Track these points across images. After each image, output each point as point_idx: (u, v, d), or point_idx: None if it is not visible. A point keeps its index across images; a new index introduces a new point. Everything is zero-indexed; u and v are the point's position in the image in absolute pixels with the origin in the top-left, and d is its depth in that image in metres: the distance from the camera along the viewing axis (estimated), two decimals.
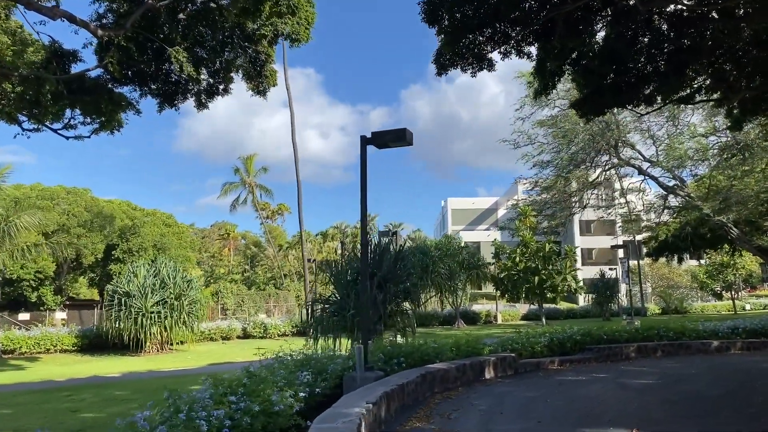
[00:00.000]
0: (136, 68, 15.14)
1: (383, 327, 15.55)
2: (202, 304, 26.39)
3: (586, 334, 15.24)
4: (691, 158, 23.76)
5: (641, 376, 11.34)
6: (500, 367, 11.96)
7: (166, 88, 15.86)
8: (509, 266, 29.45)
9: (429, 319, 36.69)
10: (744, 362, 13.04)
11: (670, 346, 15.47)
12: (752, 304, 51.75)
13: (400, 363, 10.50)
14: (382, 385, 7.94)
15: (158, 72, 15.51)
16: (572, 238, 72.23)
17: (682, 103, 17.30)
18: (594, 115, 14.64)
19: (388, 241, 16.28)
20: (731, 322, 17.16)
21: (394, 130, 9.81)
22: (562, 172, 26.48)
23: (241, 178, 52.14)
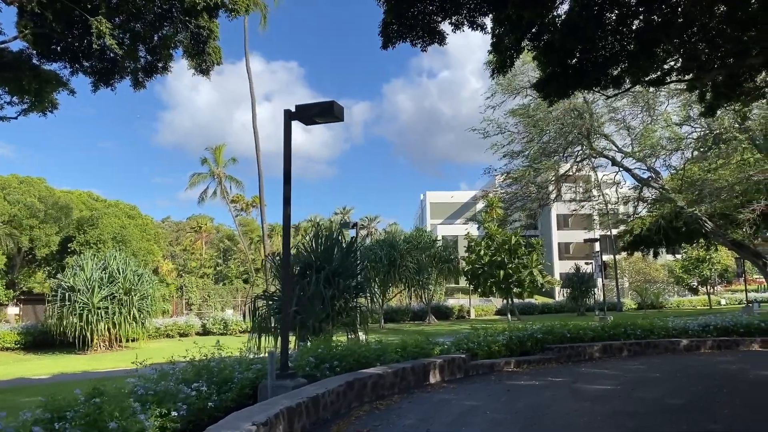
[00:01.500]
0: (64, 43, 13.79)
1: (331, 325, 14.42)
2: (155, 299, 25.00)
3: (548, 333, 14.23)
4: (664, 147, 22.87)
5: (600, 380, 10.32)
6: (448, 370, 10.87)
7: (100, 66, 14.50)
8: (473, 259, 28.37)
9: (400, 314, 35.68)
10: (712, 364, 12.10)
11: (637, 345, 14.51)
12: (727, 298, 51.54)
13: (332, 367, 9.37)
14: (289, 398, 6.78)
15: (91, 48, 14.10)
16: (549, 232, 71.68)
17: (653, 86, 16.30)
18: (558, 97, 13.52)
19: (339, 232, 15.08)
20: (702, 320, 16.27)
21: (321, 103, 8.63)
22: (532, 163, 25.47)
23: (210, 169, 50.49)
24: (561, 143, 26.37)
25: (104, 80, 14.74)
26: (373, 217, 74.18)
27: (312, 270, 14.24)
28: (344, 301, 14.21)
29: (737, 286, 56.72)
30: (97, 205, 40.69)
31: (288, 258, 8.72)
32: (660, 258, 55.85)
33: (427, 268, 29.70)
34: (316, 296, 13.59)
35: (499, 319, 36.87)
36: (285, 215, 8.72)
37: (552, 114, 25.38)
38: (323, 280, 13.85)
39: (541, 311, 44.44)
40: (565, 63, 11.29)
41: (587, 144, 25.83)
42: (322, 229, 15.44)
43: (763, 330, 15.77)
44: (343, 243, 15.12)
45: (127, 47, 14.16)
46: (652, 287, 53.29)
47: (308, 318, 13.68)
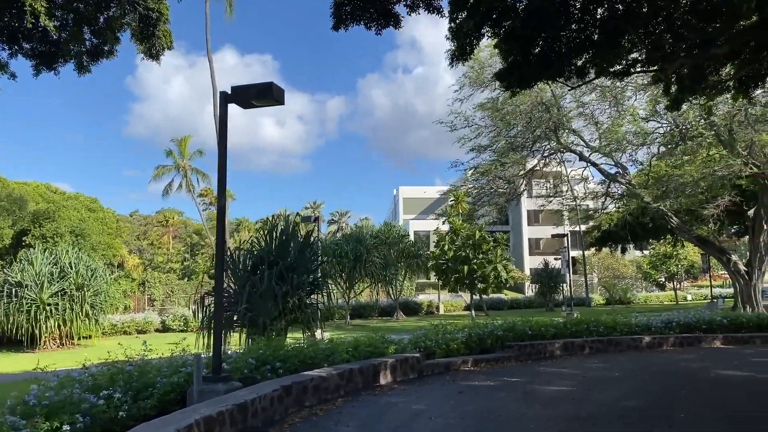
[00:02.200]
0: (0, 23, 12.85)
1: (285, 323, 13.80)
2: (110, 295, 24.01)
3: (509, 330, 13.81)
4: (630, 142, 22.70)
5: (558, 380, 9.90)
6: (400, 370, 10.34)
7: (42, 49, 13.58)
8: (438, 254, 27.93)
9: (367, 310, 35.13)
10: (674, 362, 11.81)
11: (599, 342, 14.19)
12: (693, 294, 52.15)
13: (275, 369, 8.78)
14: (212, 405, 6.17)
15: (32, 29, 13.18)
16: (520, 227, 71.90)
17: (618, 77, 15.96)
18: (520, 88, 13.02)
19: (294, 226, 14.43)
20: (665, 316, 16.05)
21: (259, 84, 7.99)
22: (500, 157, 25.10)
23: (175, 161, 49.16)
24: (529, 137, 26.06)
25: (46, 64, 13.79)
26: (344, 212, 73.43)
27: (265, 265, 13.61)
28: (298, 298, 13.56)
29: (703, 281, 57.51)
30: (56, 198, 39.24)
31: (222, 251, 8.08)
32: (628, 254, 56.36)
33: (394, 263, 29.17)
34: (268, 293, 12.95)
35: (467, 315, 36.62)
36: (219, 206, 8.09)
37: (520, 108, 25.04)
38: (276, 276, 13.21)
39: (510, 306, 44.32)
40: (528, 52, 10.82)
41: (555, 138, 25.57)
42: (278, 222, 14.77)
43: (725, 326, 15.61)
44: (299, 237, 14.50)
45: (71, 29, 13.28)
46: (621, 283, 53.72)
47: (259, 316, 13.04)
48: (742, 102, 16.52)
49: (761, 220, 23.42)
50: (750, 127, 20.45)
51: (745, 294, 23.45)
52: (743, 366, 11.04)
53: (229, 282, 14.70)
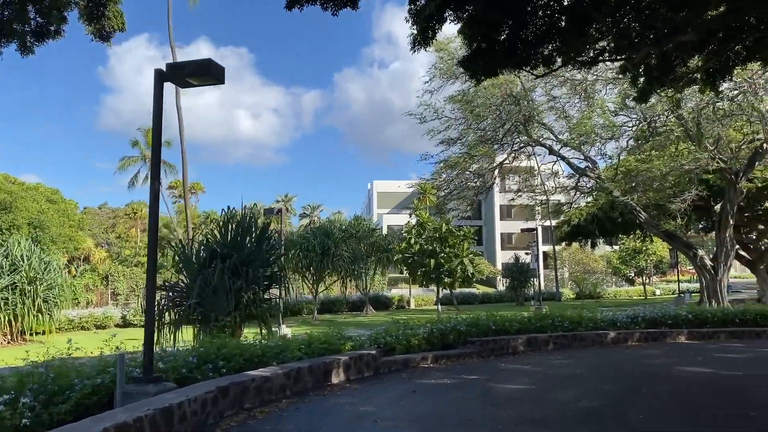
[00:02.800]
0: None
1: (239, 319, 13.24)
2: (65, 289, 23.07)
3: (473, 325, 13.44)
4: (598, 135, 22.51)
5: (518, 377, 9.53)
6: (354, 368, 9.86)
7: None
8: (404, 248, 27.48)
9: (337, 305, 34.60)
10: (637, 358, 11.55)
11: (563, 337, 13.91)
12: (662, 289, 52.77)
13: (217, 368, 8.23)
14: (130, 411, 5.61)
15: None
16: (492, 222, 72.05)
17: (585, 66, 15.65)
18: (485, 76, 12.58)
19: (252, 217, 13.82)
20: (631, 311, 15.85)
21: (196, 62, 7.40)
22: (469, 150, 24.75)
23: (141, 152, 47.82)
24: (499, 131, 25.75)
25: None
26: (315, 205, 72.59)
27: (218, 259, 13.01)
28: (253, 293, 12.97)
29: (671, 276, 58.23)
30: (14, 188, 37.80)
31: (154, 241, 7.49)
32: (599, 249, 56.77)
33: (363, 257, 28.66)
34: (221, 287, 12.37)
35: (439, 309, 36.34)
36: (152, 191, 7.48)
37: (491, 101, 24.69)
38: (230, 270, 12.64)
39: (481, 301, 44.24)
40: (493, 38, 10.37)
41: (525, 132, 25.30)
42: (236, 214, 14.12)
43: (690, 322, 15.49)
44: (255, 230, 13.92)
45: (15, 7, 12.45)
46: (591, 278, 54.09)
47: (211, 311, 12.46)
48: (709, 95, 16.37)
49: (727, 215, 23.48)
50: (717, 122, 20.42)
51: (711, 289, 23.51)
52: (706, 362, 10.82)
53: (181, 276, 14.08)
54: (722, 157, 21.91)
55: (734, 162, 22.78)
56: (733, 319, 15.74)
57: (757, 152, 22.53)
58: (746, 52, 11.37)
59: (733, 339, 14.81)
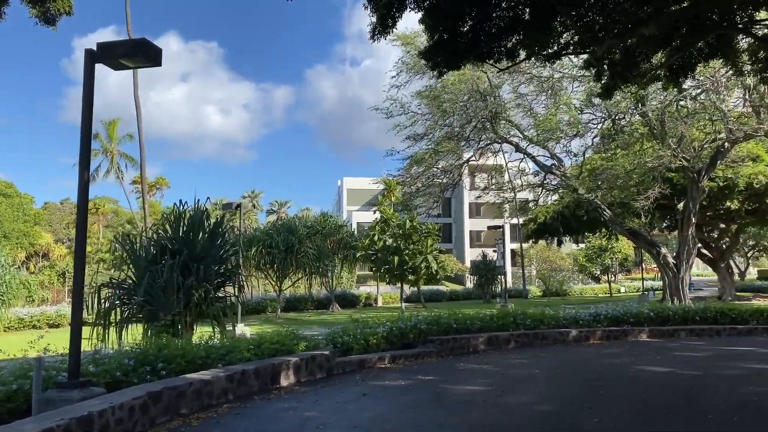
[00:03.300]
0: None
1: (190, 317, 12.67)
2: (12, 288, 22.06)
3: (433, 323, 13.13)
4: (563, 132, 22.43)
5: (474, 379, 9.21)
6: (306, 369, 9.41)
7: None
8: (367, 245, 27.06)
9: (303, 302, 33.99)
10: (597, 357, 11.36)
11: (525, 336, 13.68)
12: (627, 287, 53.38)
13: (156, 371, 7.71)
14: (41, 420, 5.09)
15: None
16: (462, 219, 72.17)
17: (549, 60, 15.46)
18: (448, 68, 12.20)
19: (204, 212, 13.22)
20: (593, 309, 15.73)
21: (129, 41, 6.87)
22: (436, 147, 24.46)
23: (102, 146, 46.36)
24: (466, 127, 25.51)
25: None
26: (283, 201, 71.65)
27: (167, 255, 12.42)
28: (204, 291, 12.40)
29: (636, 274, 59.04)
30: None
31: (83, 236, 6.93)
32: (566, 247, 57.25)
33: (328, 254, 28.14)
34: (170, 284, 11.77)
35: (407, 306, 36.05)
36: (81, 183, 6.92)
37: (458, 97, 24.41)
38: (180, 266, 12.04)
39: (449, 298, 44.03)
40: (455, 30, 10.02)
41: (491, 129, 25.11)
42: (186, 209, 13.49)
43: (651, 319, 15.44)
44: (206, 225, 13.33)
45: None
46: (558, 275, 54.47)
47: (159, 310, 11.86)
48: (672, 92, 16.34)
49: (690, 214, 23.67)
50: (681, 121, 20.50)
51: (674, 286, 23.68)
52: (666, 361, 10.68)
53: (129, 272, 13.42)
54: (685, 156, 22.05)
55: (697, 161, 22.96)
56: (693, 317, 15.75)
57: (719, 151, 22.74)
58: (709, 49, 11.25)
59: (694, 337, 14.80)
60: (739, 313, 16.03)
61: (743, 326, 15.50)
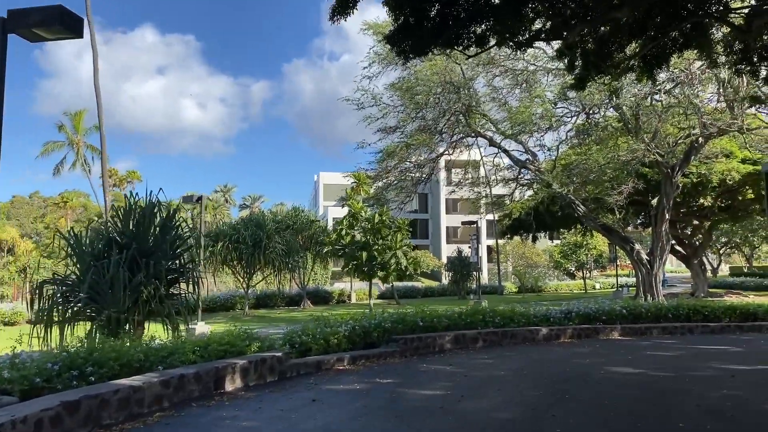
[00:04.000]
0: None
1: (139, 316, 11.92)
2: None
3: (399, 321, 12.54)
4: (536, 125, 21.98)
5: (435, 381, 8.64)
6: (255, 373, 8.75)
7: None
8: (334, 240, 26.37)
9: (273, 299, 33.23)
10: (566, 358, 10.88)
11: (493, 334, 13.17)
12: (602, 283, 53.53)
13: (84, 375, 7.00)
14: None
15: None
16: (438, 215, 71.86)
17: (520, 48, 14.96)
18: (414, 54, 11.56)
19: (155, 204, 12.44)
20: (565, 306, 15.32)
21: (44, 8, 6.11)
22: (408, 140, 23.87)
23: (67, 137, 44.82)
24: (440, 120, 24.97)
25: None
26: (257, 196, 70.51)
27: (114, 249, 11.65)
28: (154, 288, 11.64)
29: (611, 271, 59.23)
30: None
31: None
32: (542, 243, 57.18)
33: (298, 249, 27.38)
34: (116, 281, 11.01)
35: (382, 303, 35.51)
36: None
37: (431, 88, 23.84)
38: (128, 262, 11.28)
39: (424, 295, 43.64)
40: (422, 13, 9.40)
41: (465, 122, 24.59)
42: (138, 200, 12.69)
43: (624, 317, 15.06)
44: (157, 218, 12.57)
45: None
46: (534, 271, 54.39)
47: (105, 308, 11.10)
48: (646, 84, 15.96)
49: (663, 210, 23.45)
50: (655, 115, 20.19)
51: (647, 283, 23.47)
52: (637, 361, 10.23)
53: (75, 267, 12.62)
54: (659, 151, 21.79)
55: (671, 156, 22.74)
56: (666, 314, 15.44)
57: (693, 146, 22.54)
58: (683, 39, 10.81)
59: (666, 335, 14.47)
60: (711, 310, 15.75)
61: (716, 324, 15.22)
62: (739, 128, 21.14)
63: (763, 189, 23.28)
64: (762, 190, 23.92)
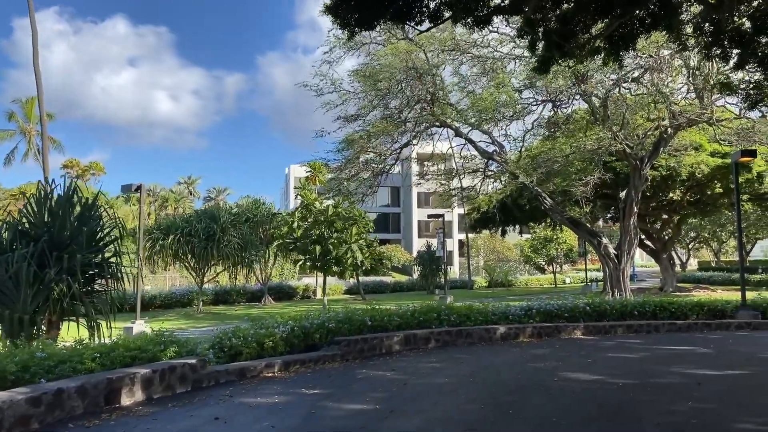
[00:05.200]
0: None
1: (52, 316, 10.70)
2: None
3: (345, 321, 11.50)
4: (502, 113, 21.05)
5: (368, 391, 7.60)
6: (161, 383, 7.60)
7: None
8: (284, 233, 25.15)
9: (233, 295, 31.83)
10: (522, 361, 9.94)
11: (447, 334, 12.19)
12: (572, 277, 53.20)
13: None
14: None
15: None
16: (410, 209, 71.02)
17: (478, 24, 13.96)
18: (359, 27, 10.39)
19: (72, 191, 11.16)
20: (525, 303, 14.39)
21: None
22: (370, 129, 22.77)
23: (19, 126, 42.64)
24: (405, 110, 23.92)
25: None
26: (222, 188, 68.66)
27: (20, 242, 10.40)
28: (67, 285, 10.39)
29: (581, 265, 59.05)
30: None
31: None
32: (513, 237, 56.66)
33: (255, 243, 26.09)
34: (22, 276, 9.76)
35: (347, 299, 34.47)
36: None
37: (394, 75, 22.75)
38: (36, 255, 10.04)
39: (392, 290, 42.61)
40: None
41: (430, 111, 23.58)
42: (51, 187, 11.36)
43: (587, 314, 14.21)
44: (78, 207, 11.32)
45: None
46: (505, 266, 53.79)
47: (9, 307, 9.86)
48: (612, 66, 15.10)
49: (632, 202, 22.79)
50: (623, 103, 19.44)
51: (614, 278, 22.80)
52: (597, 365, 9.32)
53: None
54: (628, 143, 21.10)
55: (640, 148, 22.08)
56: (632, 311, 14.65)
57: (662, 137, 21.88)
58: (651, 19, 9.91)
59: (631, 333, 13.67)
60: (678, 307, 15.03)
61: (682, 321, 14.49)
62: (708, 119, 20.52)
63: (731, 182, 22.77)
64: (731, 184, 23.42)
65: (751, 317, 14.88)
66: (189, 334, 16.55)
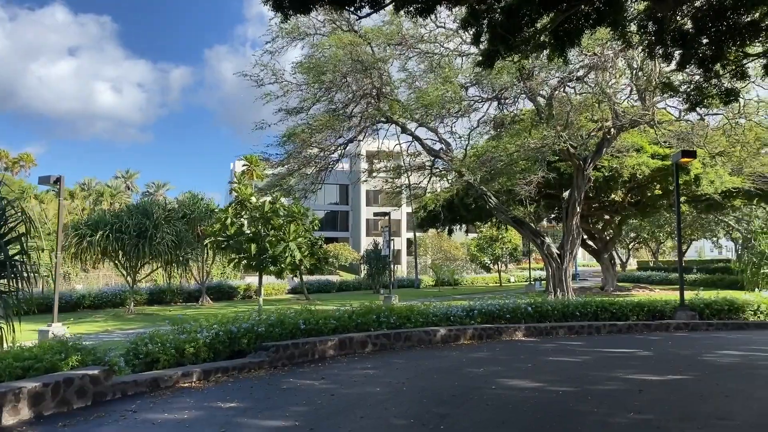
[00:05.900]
0: None
1: None
2: None
3: (276, 324, 10.78)
4: (445, 108, 20.68)
5: (290, 404, 6.92)
6: (54, 399, 6.70)
7: None
8: (217, 230, 24.14)
9: (170, 295, 30.40)
10: (459, 366, 9.47)
11: (385, 337, 11.63)
12: (516, 276, 53.79)
13: None
14: None
15: None
16: (359, 207, 70.41)
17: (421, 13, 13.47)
18: (294, 11, 9.70)
19: None
20: (468, 304, 14.03)
21: None
22: (311, 122, 22.00)
23: None
24: (350, 104, 23.27)
25: None
26: (161, 183, 66.20)
27: None
28: None
29: (525, 264, 59.86)
30: None
31: None
32: (459, 236, 56.89)
33: (190, 241, 24.86)
34: None
35: (290, 298, 33.59)
36: None
37: (338, 68, 22.05)
38: None
39: (339, 289, 41.88)
40: None
41: (376, 106, 23.00)
42: None
43: (529, 315, 13.96)
44: None
45: None
46: (452, 265, 53.92)
47: None
48: (557, 62, 14.87)
49: (575, 202, 22.87)
50: (568, 102, 19.38)
51: (557, 277, 22.83)
52: (537, 371, 8.93)
53: None
54: (572, 143, 21.11)
55: (583, 149, 22.16)
56: (573, 312, 14.50)
57: (605, 138, 22.02)
58: (597, 15, 9.61)
59: (573, 335, 13.47)
60: (619, 308, 14.98)
61: (623, 323, 14.41)
62: (650, 120, 20.72)
63: (671, 184, 23.16)
64: (670, 186, 23.84)
65: (689, 318, 14.98)
66: (114, 338, 15.48)
